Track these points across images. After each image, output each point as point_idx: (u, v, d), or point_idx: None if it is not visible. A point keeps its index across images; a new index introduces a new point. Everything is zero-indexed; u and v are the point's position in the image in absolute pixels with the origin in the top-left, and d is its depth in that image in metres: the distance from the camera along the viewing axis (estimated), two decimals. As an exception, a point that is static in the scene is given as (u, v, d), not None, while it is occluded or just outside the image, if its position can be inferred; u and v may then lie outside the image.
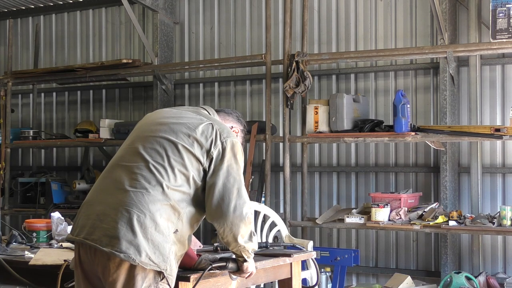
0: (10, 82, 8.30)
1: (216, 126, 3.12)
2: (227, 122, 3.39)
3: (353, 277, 7.21)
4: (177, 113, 3.22)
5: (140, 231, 2.86)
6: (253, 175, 7.04)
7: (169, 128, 3.09)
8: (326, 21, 7.46)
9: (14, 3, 9.07)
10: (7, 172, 8.15)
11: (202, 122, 3.12)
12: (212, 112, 3.33)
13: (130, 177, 2.97)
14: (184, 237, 3.03)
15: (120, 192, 2.95)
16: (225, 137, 3.10)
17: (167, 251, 2.91)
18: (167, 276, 2.91)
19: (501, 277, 6.36)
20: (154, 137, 3.08)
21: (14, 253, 3.88)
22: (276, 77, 7.30)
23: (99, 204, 2.98)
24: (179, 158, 3.01)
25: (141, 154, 3.03)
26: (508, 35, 5.81)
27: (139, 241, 2.84)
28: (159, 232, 2.89)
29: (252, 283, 3.73)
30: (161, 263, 2.88)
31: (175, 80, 8.25)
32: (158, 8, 7.85)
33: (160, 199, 2.92)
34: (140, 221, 2.87)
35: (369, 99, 7.05)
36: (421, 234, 6.84)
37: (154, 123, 3.18)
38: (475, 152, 6.53)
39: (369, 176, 7.22)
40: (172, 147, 3.03)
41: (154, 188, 2.93)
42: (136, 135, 3.17)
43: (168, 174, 2.97)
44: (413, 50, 6.55)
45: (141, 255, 2.84)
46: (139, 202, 2.90)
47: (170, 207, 2.94)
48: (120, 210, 2.89)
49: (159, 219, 2.90)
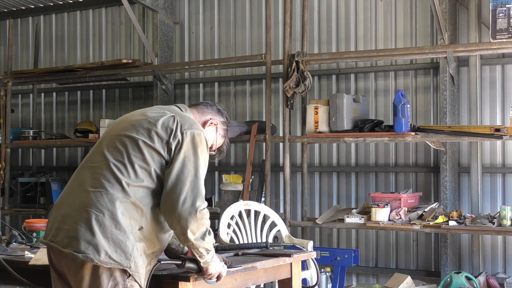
0: (10, 82, 8.30)
1: (178, 118, 3.09)
2: (204, 115, 3.35)
3: (353, 277, 7.21)
4: (143, 111, 3.22)
5: (99, 230, 2.87)
6: (253, 175, 7.04)
7: (130, 125, 3.10)
8: (326, 21, 7.46)
9: (14, 3, 9.06)
10: (7, 172, 8.15)
11: (163, 115, 3.10)
12: (184, 108, 3.29)
13: (93, 178, 3.00)
14: (152, 233, 3.00)
15: (82, 193, 2.98)
16: (186, 128, 3.05)
17: (130, 249, 2.90)
18: (132, 273, 2.90)
19: (501, 277, 6.36)
20: (116, 136, 3.09)
21: (14, 253, 3.87)
22: (276, 77, 7.30)
23: (64, 206, 3.03)
24: (139, 153, 2.99)
25: (104, 154, 3.06)
26: (508, 35, 5.81)
27: (97, 241, 2.86)
28: (120, 230, 2.89)
29: (252, 283, 3.72)
30: (123, 261, 2.88)
31: (175, 80, 8.24)
32: (158, 8, 7.85)
33: (120, 197, 2.92)
34: (99, 221, 2.88)
35: (369, 99, 7.05)
36: (421, 234, 6.84)
37: (120, 122, 3.21)
38: (475, 152, 6.53)
39: (369, 176, 7.22)
40: (132, 144, 3.02)
41: (113, 186, 2.93)
42: (103, 136, 3.21)
43: (128, 171, 2.96)
44: (413, 50, 6.55)
45: (100, 255, 2.85)
46: (97, 201, 2.91)
47: (132, 204, 2.93)
48: (80, 211, 2.93)
49: (120, 217, 2.90)
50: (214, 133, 3.38)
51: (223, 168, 7.91)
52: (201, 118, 3.33)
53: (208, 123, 3.34)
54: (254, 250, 3.92)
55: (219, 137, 3.41)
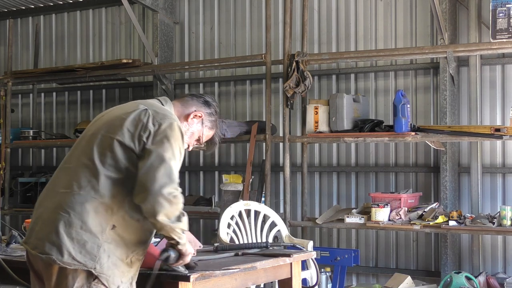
0: (10, 82, 8.29)
1: (150, 111, 3.01)
2: (188, 107, 3.25)
3: (353, 277, 7.21)
4: (118, 108, 3.18)
5: (64, 231, 2.85)
6: (253, 175, 7.04)
7: (103, 124, 3.07)
8: (326, 21, 7.46)
9: (14, 3, 9.06)
10: (7, 172, 8.15)
11: (136, 110, 3.04)
12: (165, 100, 3.22)
13: (66, 179, 2.98)
14: (129, 231, 2.95)
15: (54, 195, 2.98)
16: (159, 119, 2.98)
17: (96, 250, 2.86)
18: (98, 275, 2.85)
19: (501, 277, 6.36)
20: (91, 136, 3.06)
21: (14, 253, 3.87)
22: (276, 77, 7.30)
23: (39, 208, 3.03)
24: (110, 152, 2.94)
25: (78, 154, 3.03)
26: (508, 35, 5.81)
27: (61, 242, 2.84)
28: (86, 231, 2.86)
29: (252, 283, 3.72)
30: (88, 262, 2.84)
31: (175, 80, 8.24)
32: (158, 8, 7.85)
33: (89, 198, 2.89)
34: (65, 221, 2.86)
35: (369, 99, 7.05)
36: (421, 234, 6.84)
37: (95, 122, 3.18)
38: (475, 152, 6.53)
39: (369, 176, 7.22)
40: (104, 142, 2.98)
41: (83, 187, 2.91)
42: (81, 136, 3.17)
43: (99, 171, 2.92)
44: (413, 50, 6.55)
45: (63, 255, 2.83)
46: (66, 203, 2.90)
47: (102, 204, 2.89)
48: (51, 212, 2.92)
49: (87, 217, 2.86)
50: (199, 125, 3.27)
51: (223, 168, 7.91)
52: (184, 111, 3.25)
53: (192, 116, 3.24)
54: (254, 250, 3.92)
55: (206, 129, 3.31)
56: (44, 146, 8.67)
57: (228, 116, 7.87)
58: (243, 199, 6.50)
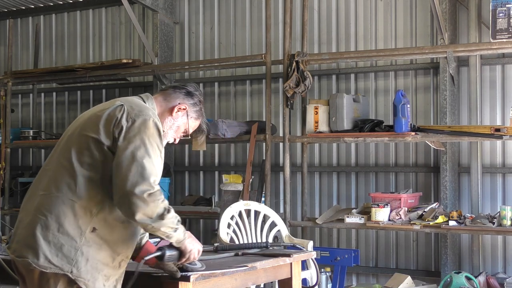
0: (10, 82, 8.30)
1: (126, 107, 2.91)
2: (171, 101, 3.13)
3: (353, 277, 7.21)
4: (96, 107, 3.10)
5: (40, 234, 2.80)
6: (253, 175, 7.03)
7: (79, 123, 3.01)
8: (326, 21, 7.46)
9: (14, 3, 9.06)
10: (7, 172, 8.15)
11: (111, 106, 2.95)
12: (146, 97, 3.12)
13: (45, 181, 2.93)
14: (111, 233, 2.88)
15: (35, 198, 2.93)
16: (134, 115, 2.87)
17: (73, 253, 2.79)
18: (75, 279, 2.79)
19: (501, 277, 6.36)
20: (68, 136, 3.00)
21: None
22: (276, 77, 7.30)
23: (22, 211, 2.99)
24: (86, 150, 2.87)
25: (57, 156, 2.97)
26: (508, 35, 5.81)
27: (38, 245, 2.79)
28: (63, 234, 2.79)
29: (252, 283, 3.72)
30: (65, 265, 2.78)
31: (175, 80, 8.24)
32: (158, 8, 7.85)
33: (66, 200, 2.82)
34: (42, 224, 2.81)
35: (369, 99, 7.05)
36: (421, 234, 6.84)
37: (74, 122, 3.09)
38: (475, 152, 6.53)
39: (369, 176, 7.22)
40: (81, 142, 2.90)
41: (61, 189, 2.84)
42: (61, 138, 3.10)
43: (76, 171, 2.85)
44: (413, 50, 6.54)
45: (39, 259, 2.78)
46: (44, 205, 2.85)
47: (80, 206, 2.82)
48: (30, 215, 2.88)
49: (64, 220, 2.80)
50: (185, 117, 3.16)
51: (223, 168, 7.91)
52: (167, 105, 3.14)
53: (176, 109, 3.13)
54: (254, 250, 3.92)
55: (192, 120, 3.19)
56: (44, 146, 8.66)
57: (228, 116, 7.88)
58: (243, 199, 6.50)
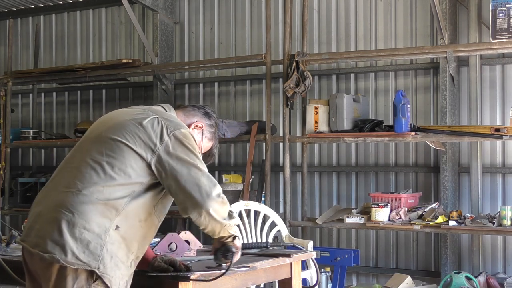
0: (10, 82, 8.30)
1: (162, 120, 3.03)
2: (190, 117, 3.29)
3: (353, 277, 7.21)
4: (126, 111, 3.18)
5: (67, 230, 2.83)
6: (253, 175, 7.04)
7: (112, 127, 3.06)
8: (326, 21, 7.47)
9: (14, 3, 9.07)
10: (7, 172, 8.15)
11: (147, 117, 3.04)
12: (168, 108, 3.25)
13: (68, 178, 2.96)
14: (132, 233, 2.95)
15: (56, 193, 2.96)
16: (172, 130, 3.01)
17: (99, 250, 2.84)
18: (101, 275, 2.83)
19: (501, 277, 6.36)
20: (97, 137, 3.06)
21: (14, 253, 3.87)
22: (276, 77, 7.30)
23: (39, 206, 3.00)
24: (119, 155, 2.94)
25: (82, 154, 3.02)
26: (508, 35, 5.81)
27: (65, 241, 2.81)
28: (90, 231, 2.84)
29: (252, 283, 3.72)
30: (92, 261, 2.83)
31: (175, 80, 8.25)
32: (158, 8, 7.86)
33: (93, 198, 2.87)
34: (68, 221, 2.84)
35: (369, 99, 7.05)
36: (421, 234, 6.84)
37: (102, 123, 3.17)
38: (475, 152, 6.53)
39: (369, 176, 7.22)
40: (112, 145, 2.97)
41: (87, 187, 2.89)
42: (85, 136, 3.17)
43: (106, 172, 2.91)
44: (413, 50, 6.55)
45: (66, 255, 2.80)
46: (69, 202, 2.88)
47: (105, 205, 2.88)
48: (52, 211, 2.90)
49: (90, 217, 2.85)
50: (199, 136, 3.31)
51: (223, 168, 7.91)
52: (186, 121, 3.27)
53: (193, 126, 3.28)
54: (254, 250, 3.92)
55: (206, 140, 3.35)
56: (44, 146, 8.67)
57: (228, 116, 7.88)
58: (243, 199, 6.50)
